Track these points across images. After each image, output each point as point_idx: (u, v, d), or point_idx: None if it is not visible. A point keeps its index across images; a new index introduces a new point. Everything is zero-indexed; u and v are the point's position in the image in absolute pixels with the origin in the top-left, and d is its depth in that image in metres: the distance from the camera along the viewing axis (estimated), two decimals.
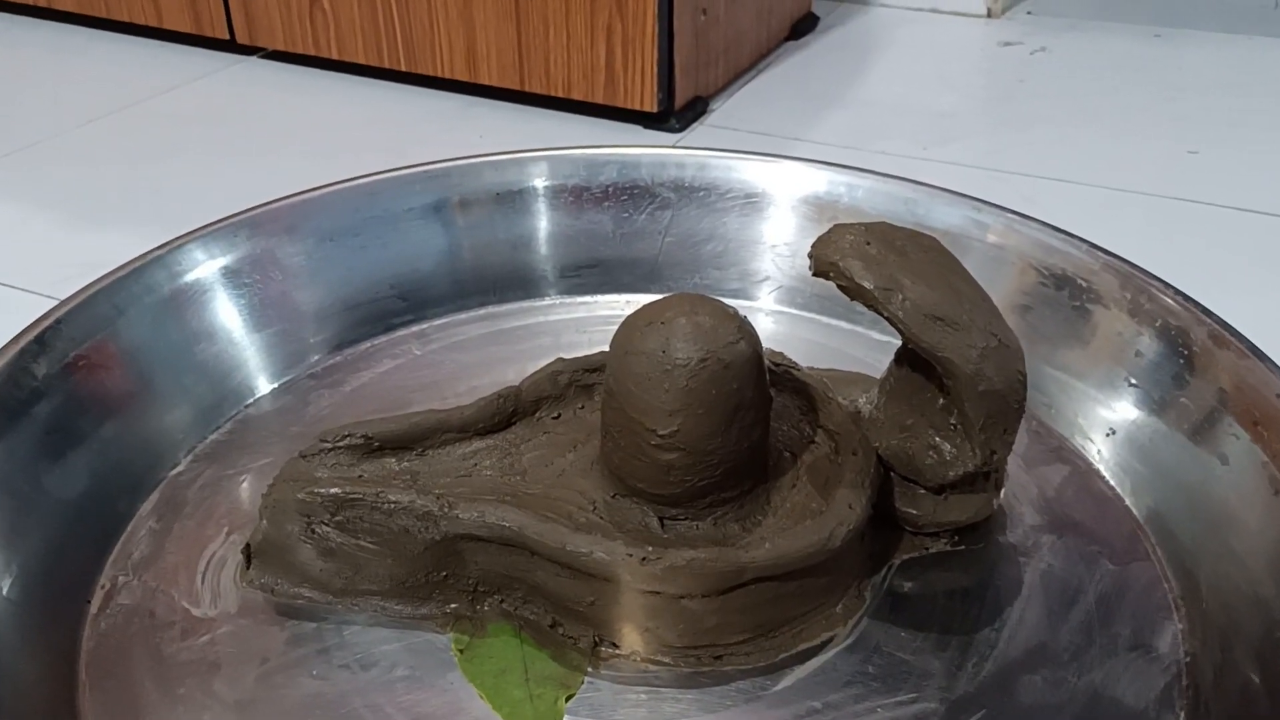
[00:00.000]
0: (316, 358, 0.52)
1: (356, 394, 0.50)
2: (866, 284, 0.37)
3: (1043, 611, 0.39)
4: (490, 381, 0.49)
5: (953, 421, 0.38)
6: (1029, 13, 1.17)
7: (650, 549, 0.36)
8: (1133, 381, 0.46)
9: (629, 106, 0.87)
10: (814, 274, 0.38)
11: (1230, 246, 0.71)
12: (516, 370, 0.51)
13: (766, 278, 0.57)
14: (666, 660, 0.37)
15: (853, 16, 1.17)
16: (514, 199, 0.57)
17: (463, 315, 0.55)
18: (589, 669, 0.37)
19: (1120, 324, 0.47)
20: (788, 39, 1.08)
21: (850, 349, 0.53)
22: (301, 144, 0.87)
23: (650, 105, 0.86)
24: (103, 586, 0.40)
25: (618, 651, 0.37)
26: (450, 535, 0.37)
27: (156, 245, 0.50)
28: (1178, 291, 0.47)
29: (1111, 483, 0.45)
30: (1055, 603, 0.39)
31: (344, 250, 0.54)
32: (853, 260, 0.37)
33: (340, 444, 0.40)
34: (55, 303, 0.46)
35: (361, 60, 0.97)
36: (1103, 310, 0.48)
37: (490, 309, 0.56)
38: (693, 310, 0.37)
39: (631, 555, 0.35)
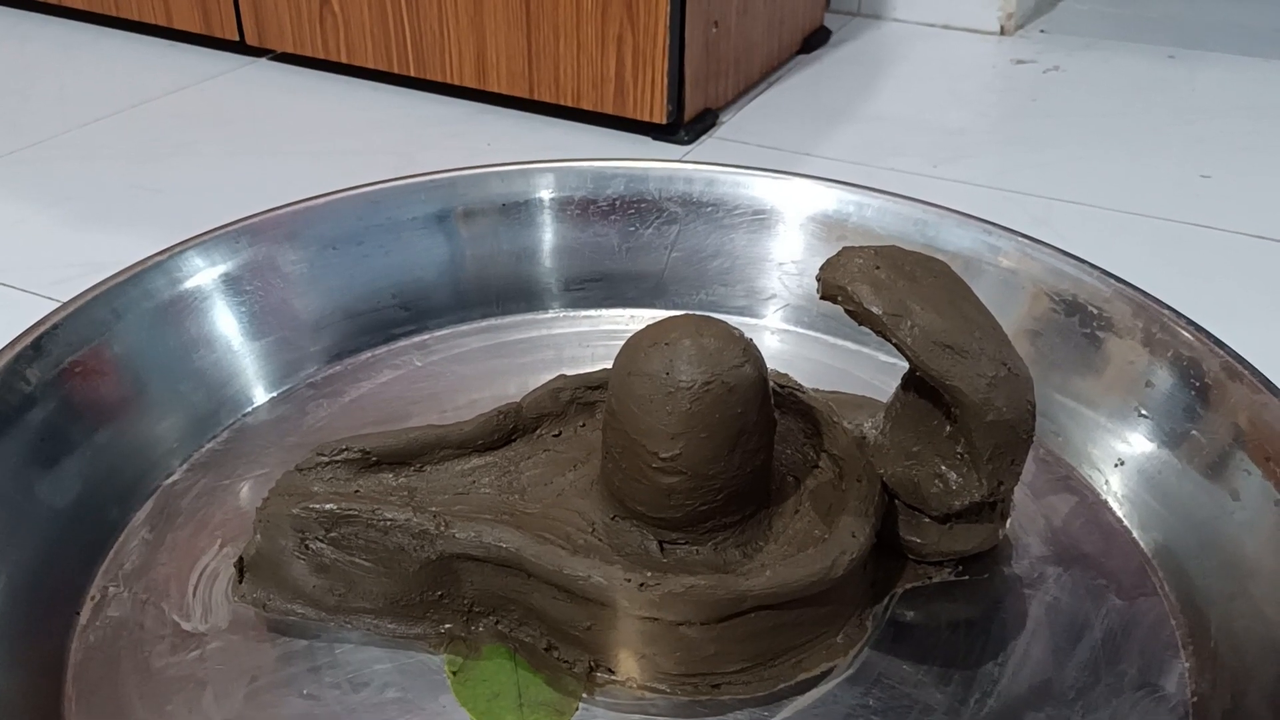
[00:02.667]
0: (315, 367, 0.51)
1: (355, 405, 0.49)
2: (875, 309, 0.36)
3: (1048, 646, 0.38)
4: (491, 395, 0.49)
5: (959, 450, 0.38)
6: (1042, 31, 1.16)
7: (649, 574, 0.35)
8: (1143, 412, 0.45)
9: (638, 117, 0.86)
10: (822, 297, 0.37)
11: (1242, 273, 0.70)
12: (518, 384, 0.50)
13: (773, 295, 0.56)
14: (663, 688, 0.36)
15: (865, 31, 1.16)
16: (519, 210, 0.57)
17: (465, 327, 0.55)
18: (584, 695, 0.36)
19: (1132, 353, 0.47)
20: (799, 52, 1.07)
21: (857, 370, 0.52)
22: (309, 146, 0.87)
23: (660, 117, 0.85)
24: (92, 597, 0.39)
25: (613, 677, 0.36)
26: (446, 554, 0.37)
27: (156, 251, 0.49)
28: (1190, 321, 0.46)
29: (1119, 515, 0.44)
30: (1060, 637, 0.39)
31: (346, 259, 0.53)
32: (861, 285, 0.36)
33: (337, 458, 0.40)
34: (54, 303, 0.45)
35: (371, 64, 0.96)
36: (1115, 339, 0.47)
37: (492, 321, 0.55)
38: (697, 332, 0.36)
39: (630, 580, 0.35)
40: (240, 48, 1.04)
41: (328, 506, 0.37)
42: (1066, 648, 0.38)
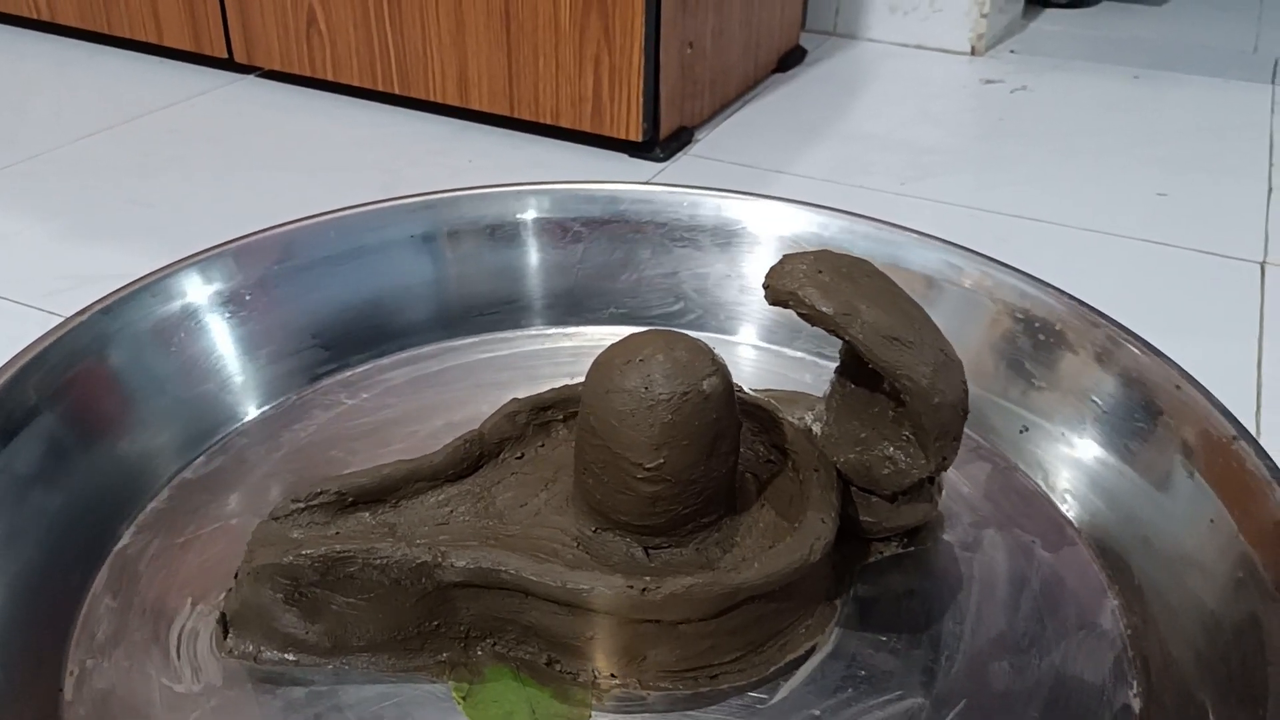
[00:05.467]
0: (243, 415, 0.51)
1: (294, 450, 0.49)
2: (826, 310, 0.39)
3: (996, 603, 0.42)
4: (427, 427, 0.50)
5: (905, 433, 0.41)
6: (1012, 51, 1.20)
7: (648, 579, 0.37)
8: (1039, 385, 0.50)
9: (615, 135, 0.89)
10: (771, 303, 0.40)
11: (1189, 286, 0.75)
12: (446, 416, 0.51)
13: (678, 302, 0.59)
14: (665, 685, 0.38)
15: (840, 50, 1.19)
16: (426, 243, 0.58)
17: (385, 360, 0.55)
18: (593, 701, 0.38)
19: (1020, 329, 0.51)
20: (775, 71, 1.10)
21: (776, 368, 0.55)
22: (295, 162, 0.88)
23: (635, 135, 0.88)
24: (71, 672, 0.38)
25: (617, 681, 0.38)
26: (444, 584, 0.38)
27: (82, 307, 0.48)
28: (1071, 296, 0.51)
29: (1031, 477, 0.49)
30: (1005, 593, 0.43)
31: (266, 302, 0.53)
32: (810, 288, 0.39)
33: (313, 503, 0.40)
34: (47, 314, 0.44)
35: (356, 82, 0.99)
36: (1003, 318, 0.52)
37: (411, 352, 0.56)
38: (669, 346, 0.38)
39: (632, 587, 0.36)
40: (229, 65, 1.06)
41: (320, 550, 0.37)
42: (1011, 601, 0.42)
